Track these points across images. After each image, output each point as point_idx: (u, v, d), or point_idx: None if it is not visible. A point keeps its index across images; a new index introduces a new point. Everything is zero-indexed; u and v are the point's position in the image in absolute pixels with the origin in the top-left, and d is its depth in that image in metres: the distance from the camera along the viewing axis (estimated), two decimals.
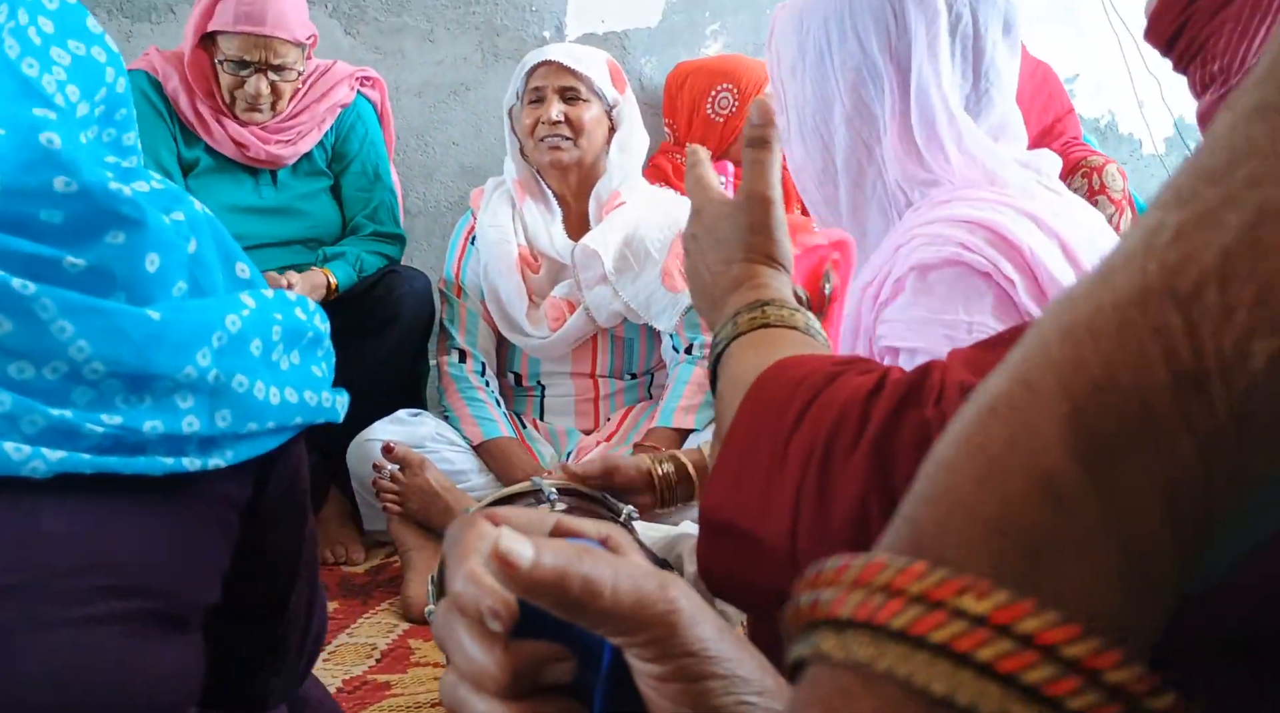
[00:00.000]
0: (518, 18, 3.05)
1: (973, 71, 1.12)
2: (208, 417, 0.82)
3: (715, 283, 0.81)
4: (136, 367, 0.78)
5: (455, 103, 3.02)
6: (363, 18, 2.91)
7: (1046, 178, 1.15)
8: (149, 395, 0.80)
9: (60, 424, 0.75)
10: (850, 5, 1.12)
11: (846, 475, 0.56)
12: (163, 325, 0.79)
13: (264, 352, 0.88)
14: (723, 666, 0.41)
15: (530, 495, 1.41)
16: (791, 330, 0.74)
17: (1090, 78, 3.66)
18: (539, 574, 0.39)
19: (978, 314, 1.01)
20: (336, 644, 1.78)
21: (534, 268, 2.31)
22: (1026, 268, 1.02)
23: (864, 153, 1.13)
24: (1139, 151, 3.81)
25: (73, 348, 0.75)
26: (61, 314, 0.75)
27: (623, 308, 2.24)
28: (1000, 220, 1.04)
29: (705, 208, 0.84)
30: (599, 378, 2.36)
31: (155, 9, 2.80)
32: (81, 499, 0.77)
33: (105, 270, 0.78)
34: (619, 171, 2.29)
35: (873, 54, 1.11)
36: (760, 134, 0.81)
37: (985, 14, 1.12)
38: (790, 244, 0.81)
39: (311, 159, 2.45)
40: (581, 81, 2.22)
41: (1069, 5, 3.58)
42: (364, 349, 2.24)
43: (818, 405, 0.60)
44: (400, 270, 2.38)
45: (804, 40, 1.15)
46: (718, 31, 3.25)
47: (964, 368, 0.56)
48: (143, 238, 0.79)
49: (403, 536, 2.04)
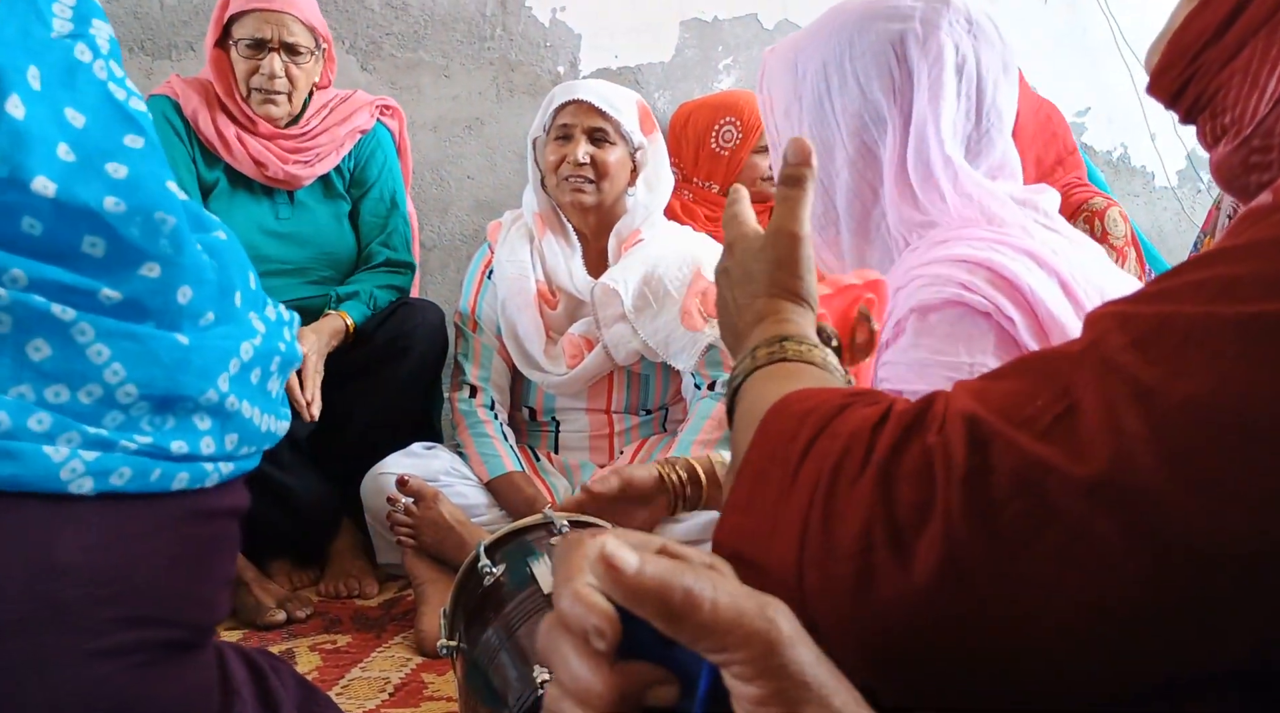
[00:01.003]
0: (532, 53, 3.08)
1: (976, 111, 1.13)
2: (220, 438, 0.85)
3: (740, 316, 0.82)
4: (166, 389, 0.80)
5: (470, 137, 3.05)
6: (379, 53, 2.95)
7: (1044, 215, 1.15)
8: (172, 416, 0.81)
9: (97, 442, 0.76)
10: (850, 49, 1.12)
11: (851, 503, 0.56)
12: (190, 350, 0.81)
13: (261, 380, 0.90)
14: (820, 692, 0.41)
15: (542, 529, 1.41)
16: (809, 365, 0.74)
17: (1102, 111, 3.66)
18: (643, 580, 0.40)
19: (979, 355, 1.01)
20: (350, 679, 1.78)
21: (551, 304, 2.31)
22: (1026, 306, 1.02)
23: (869, 195, 1.13)
24: (1152, 184, 3.81)
25: (108, 372, 0.77)
26: (99, 338, 0.77)
27: (641, 346, 2.23)
28: (999, 259, 1.03)
29: (737, 243, 0.85)
30: (614, 414, 2.35)
31: (176, 46, 2.84)
32: (98, 527, 0.78)
33: (138, 303, 0.79)
34: (642, 211, 2.29)
35: (875, 98, 1.11)
36: (794, 173, 0.81)
37: (986, 56, 1.12)
38: (817, 282, 0.82)
39: (330, 183, 2.47)
40: (610, 124, 2.22)
41: (1081, 38, 3.59)
42: (377, 382, 2.25)
43: (825, 436, 0.60)
44: (413, 302, 2.39)
45: (800, 84, 1.15)
46: (730, 66, 3.28)
47: (968, 396, 0.56)
48: (177, 272, 0.81)
49: (416, 569, 2.03)
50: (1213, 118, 0.72)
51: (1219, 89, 0.70)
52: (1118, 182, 3.64)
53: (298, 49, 2.33)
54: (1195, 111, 0.74)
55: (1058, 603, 0.49)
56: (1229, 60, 0.69)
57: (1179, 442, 0.47)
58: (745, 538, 0.63)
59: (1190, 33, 0.72)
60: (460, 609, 1.36)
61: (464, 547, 1.90)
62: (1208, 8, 0.70)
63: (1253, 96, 0.68)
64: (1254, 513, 0.46)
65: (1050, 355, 0.56)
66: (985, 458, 0.52)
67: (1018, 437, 0.51)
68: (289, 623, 2.03)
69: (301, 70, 2.35)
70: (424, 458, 2.20)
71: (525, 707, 1.11)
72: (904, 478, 0.54)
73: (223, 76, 2.35)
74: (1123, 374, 0.50)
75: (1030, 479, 0.50)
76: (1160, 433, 0.47)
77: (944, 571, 0.51)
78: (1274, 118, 0.67)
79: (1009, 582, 0.50)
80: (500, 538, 1.42)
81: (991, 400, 0.55)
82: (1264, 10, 0.67)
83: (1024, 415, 0.52)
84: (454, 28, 3.01)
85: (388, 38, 2.96)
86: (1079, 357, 0.53)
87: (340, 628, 2.03)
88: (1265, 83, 0.68)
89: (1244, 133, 0.69)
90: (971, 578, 0.51)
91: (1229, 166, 0.72)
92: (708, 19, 3.25)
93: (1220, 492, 0.46)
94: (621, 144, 2.24)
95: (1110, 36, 3.52)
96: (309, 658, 1.87)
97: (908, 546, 0.53)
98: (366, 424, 2.27)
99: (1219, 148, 0.72)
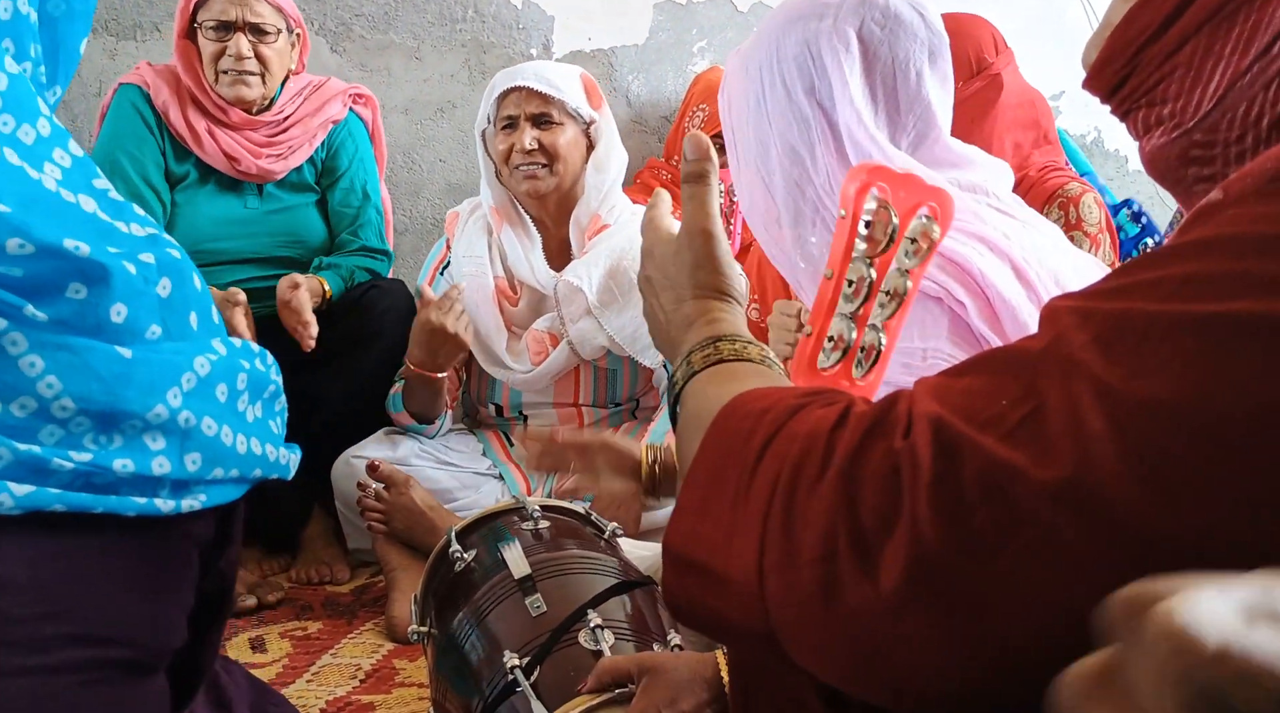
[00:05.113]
0: (504, 35, 3.05)
1: (898, 107, 1.12)
2: (178, 459, 0.81)
3: (670, 323, 0.81)
4: (106, 404, 0.77)
5: (442, 120, 3.02)
6: (349, 35, 2.91)
7: (995, 198, 1.14)
8: (119, 435, 0.78)
9: (28, 459, 0.73)
10: (777, 51, 1.13)
11: (812, 508, 0.55)
12: (133, 363, 0.78)
13: (230, 398, 0.87)
14: None
15: (514, 513, 1.40)
16: (747, 362, 0.73)
17: (1076, 94, 3.66)
18: None
19: (932, 340, 1.01)
20: (320, 665, 1.76)
21: (512, 300, 2.27)
22: (978, 291, 1.02)
23: (798, 192, 1.14)
24: (1125, 167, 3.83)
25: (41, 384, 0.74)
26: (31, 350, 0.74)
27: (608, 341, 2.19)
28: (949, 244, 1.03)
29: (655, 248, 0.84)
30: (583, 407, 2.32)
31: (140, 27, 2.79)
32: (45, 543, 0.76)
33: (67, 323, 0.76)
34: (596, 193, 2.23)
35: (797, 97, 1.12)
36: (696, 169, 0.81)
37: (906, 48, 1.12)
38: (741, 273, 0.81)
39: (300, 173, 2.44)
40: (554, 105, 2.16)
41: (1055, 22, 3.60)
42: (347, 366, 2.23)
43: (781, 438, 0.59)
44: (381, 285, 2.36)
45: (747, 86, 1.16)
46: (704, 49, 3.26)
47: (930, 398, 0.55)
48: (106, 290, 0.78)
49: (388, 555, 2.02)
50: (1149, 106, 0.72)
51: (1160, 81, 0.70)
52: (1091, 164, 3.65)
53: (264, 29, 2.30)
54: (1129, 103, 0.73)
55: (1028, 610, 0.49)
56: (1172, 54, 0.69)
57: (1140, 442, 0.47)
58: (700, 543, 0.62)
59: (1133, 28, 0.71)
60: (431, 595, 1.35)
61: (435, 532, 1.89)
62: (1151, 3, 0.70)
63: (1196, 90, 0.68)
64: (1216, 514, 0.45)
65: (1011, 352, 0.55)
66: (952, 463, 0.51)
67: (984, 440, 0.51)
68: (259, 609, 2.02)
69: (272, 50, 2.32)
70: (395, 443, 2.19)
71: (496, 691, 1.10)
72: (867, 482, 0.53)
73: (190, 68, 2.32)
74: (1085, 373, 0.49)
75: (997, 484, 0.49)
76: (1121, 433, 0.47)
77: (911, 578, 0.50)
78: (1218, 114, 0.67)
79: (978, 589, 0.49)
80: (471, 523, 1.41)
81: (954, 400, 0.54)
82: (1209, 5, 0.67)
83: (989, 416, 0.52)
84: (425, 9, 2.98)
85: (357, 19, 2.92)
86: (1041, 354, 0.53)
87: (311, 615, 2.01)
88: (1209, 77, 0.67)
89: (1185, 125, 0.69)
90: (940, 586, 0.50)
91: (1165, 158, 0.71)
92: (681, 1, 3.22)
93: (1181, 493, 0.46)
94: (570, 123, 2.19)
95: (1085, 21, 3.53)
96: (279, 645, 1.85)
97: (873, 552, 0.52)
98: (336, 409, 2.24)
99: (1152, 138, 0.72)
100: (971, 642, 0.50)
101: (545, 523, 1.36)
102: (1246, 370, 0.46)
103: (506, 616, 1.19)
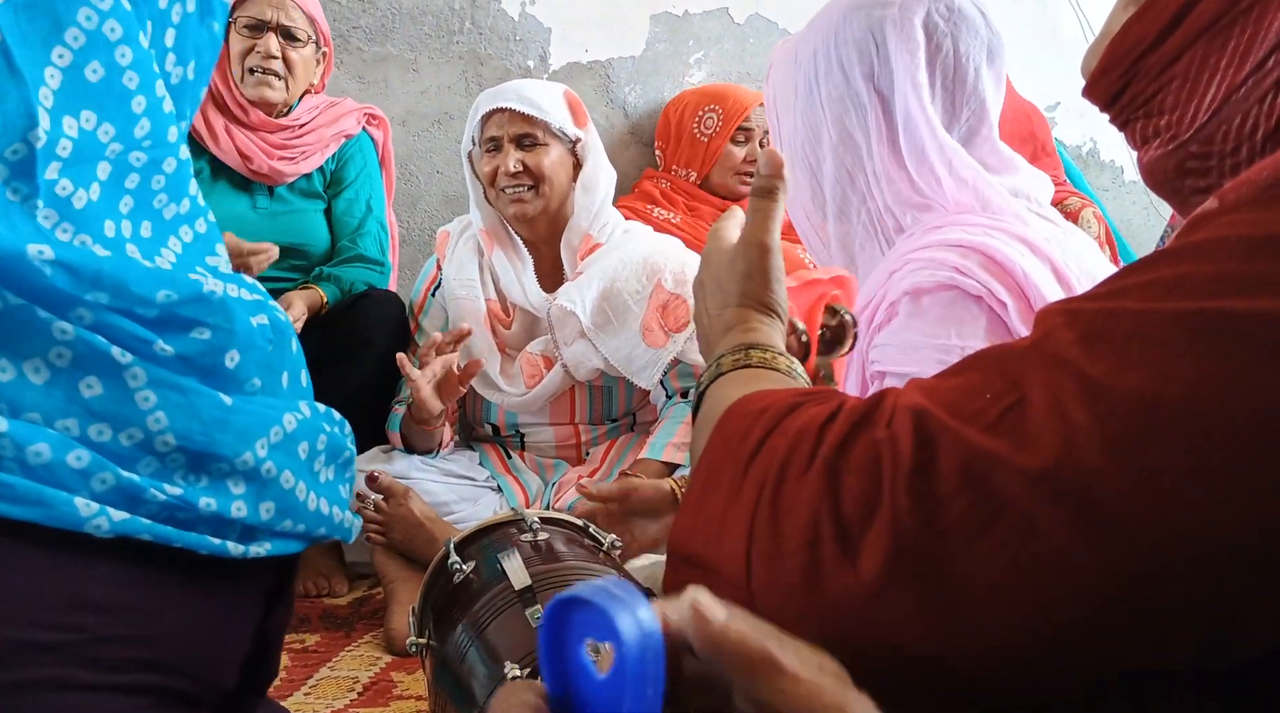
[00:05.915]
0: (502, 47, 3.05)
1: (954, 102, 1.13)
2: (254, 505, 0.86)
3: (711, 326, 0.82)
4: (203, 445, 0.82)
5: (439, 132, 3.02)
6: (346, 47, 2.92)
7: (1037, 204, 1.16)
8: (206, 476, 0.83)
9: (128, 487, 0.78)
10: (835, 36, 1.14)
11: (798, 497, 0.56)
12: (231, 411, 0.84)
13: (309, 457, 0.92)
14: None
15: (513, 525, 1.40)
16: (773, 372, 0.74)
17: (1071, 105, 3.68)
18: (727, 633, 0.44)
19: (970, 338, 1.02)
20: (318, 678, 1.76)
21: (505, 323, 2.26)
22: (1019, 291, 1.03)
23: (848, 180, 1.14)
24: (1121, 178, 3.84)
25: (151, 418, 0.79)
26: (149, 385, 0.79)
27: (602, 364, 2.17)
28: (993, 244, 1.04)
29: (712, 255, 0.86)
30: (579, 425, 2.31)
31: None
32: (133, 570, 0.80)
33: (188, 360, 0.82)
34: (586, 213, 2.21)
35: (856, 83, 1.12)
36: (766, 184, 0.82)
37: (967, 44, 1.13)
38: (787, 294, 0.82)
39: (310, 181, 2.50)
40: (537, 126, 2.14)
41: (1051, 34, 3.61)
42: (341, 375, 2.22)
43: (776, 434, 0.60)
44: (373, 294, 2.36)
45: (796, 74, 1.17)
46: (701, 60, 3.27)
47: (917, 393, 0.56)
48: (229, 336, 0.84)
49: (386, 567, 2.02)
50: (1147, 118, 0.73)
51: (1158, 92, 0.71)
52: (1087, 176, 3.66)
53: (295, 34, 2.38)
54: (1127, 113, 0.74)
55: (1007, 597, 0.49)
56: (1169, 65, 0.70)
57: (1124, 434, 0.48)
58: (696, 537, 0.63)
59: (1130, 38, 0.72)
60: (430, 607, 1.35)
61: (434, 544, 1.89)
62: (1148, 14, 0.71)
63: (1192, 102, 0.69)
64: (1196, 505, 0.46)
65: (999, 351, 0.56)
66: (932, 452, 0.52)
67: (965, 430, 0.52)
68: None
69: (299, 56, 2.39)
70: (393, 455, 2.19)
71: None
72: (850, 472, 0.54)
73: (218, 65, 2.33)
74: (1070, 368, 0.50)
75: (977, 472, 0.50)
76: (1106, 426, 0.48)
77: (891, 566, 0.51)
78: (1214, 125, 0.68)
79: (957, 577, 0.50)
80: (470, 535, 1.40)
81: (941, 396, 0.55)
82: (1205, 17, 0.68)
83: (972, 409, 0.53)
84: (422, 21, 2.98)
85: (355, 31, 2.93)
86: (1027, 352, 0.54)
87: (309, 627, 2.01)
88: (1205, 89, 0.68)
89: (1181, 137, 0.70)
90: (919, 574, 0.51)
91: (1162, 169, 0.72)
92: (678, 13, 3.23)
93: (1164, 484, 0.47)
94: (555, 143, 2.16)
95: (1080, 33, 3.55)
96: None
97: (854, 540, 0.53)
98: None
99: (1150, 149, 0.73)
100: (948, 628, 0.51)
101: (544, 535, 1.36)
102: (1231, 366, 0.46)
103: (507, 627, 1.19)
